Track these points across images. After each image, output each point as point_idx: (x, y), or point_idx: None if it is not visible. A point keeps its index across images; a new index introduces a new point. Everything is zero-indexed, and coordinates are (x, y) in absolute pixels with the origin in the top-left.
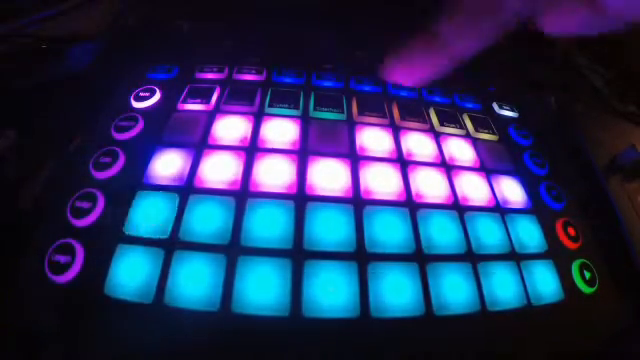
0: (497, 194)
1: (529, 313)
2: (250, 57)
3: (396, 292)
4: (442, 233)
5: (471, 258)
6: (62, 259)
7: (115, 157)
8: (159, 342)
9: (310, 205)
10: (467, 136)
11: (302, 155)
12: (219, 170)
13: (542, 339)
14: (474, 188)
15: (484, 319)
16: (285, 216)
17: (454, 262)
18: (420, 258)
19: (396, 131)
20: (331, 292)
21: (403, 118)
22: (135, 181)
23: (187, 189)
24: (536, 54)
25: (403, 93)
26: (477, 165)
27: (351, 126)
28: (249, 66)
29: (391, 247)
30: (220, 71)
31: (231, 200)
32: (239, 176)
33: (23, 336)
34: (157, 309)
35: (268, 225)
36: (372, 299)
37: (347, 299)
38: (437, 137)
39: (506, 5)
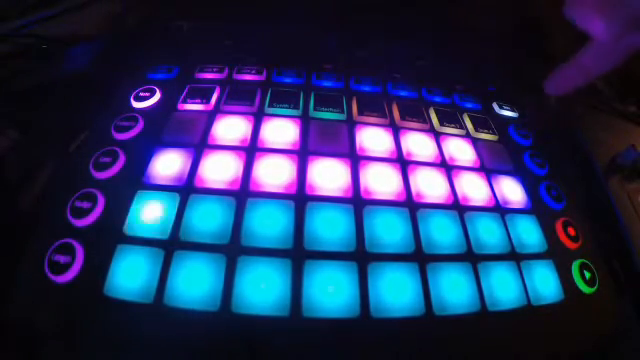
0: (497, 194)
1: (529, 313)
2: (250, 57)
3: (396, 292)
4: (442, 233)
5: (471, 258)
6: (62, 259)
7: (115, 157)
8: (159, 342)
9: (310, 205)
10: (467, 136)
11: (302, 155)
12: (219, 170)
13: (542, 339)
14: (474, 188)
15: (484, 319)
16: (285, 216)
17: (454, 262)
18: (420, 258)
19: (396, 131)
20: (331, 292)
21: (403, 118)
22: (135, 181)
23: (187, 189)
24: (536, 54)
25: (403, 93)
26: (477, 165)
27: (351, 126)
28: (249, 66)
29: (391, 247)
30: (220, 71)
31: (231, 200)
32: (239, 176)
33: (23, 336)
34: (157, 309)
35: (268, 225)
36: (372, 299)
37: (347, 299)
38: (437, 137)
39: None
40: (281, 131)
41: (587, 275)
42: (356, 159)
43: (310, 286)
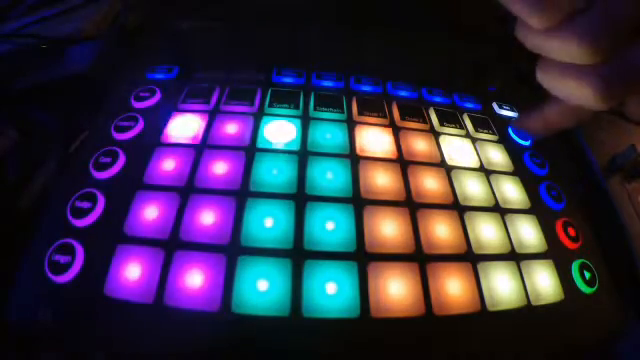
0: (497, 194)
1: (529, 313)
2: (250, 57)
3: (396, 292)
4: (442, 233)
5: (471, 258)
6: (62, 259)
7: (115, 157)
8: (159, 342)
9: (310, 205)
10: (467, 136)
11: (302, 155)
12: (219, 170)
13: (542, 339)
14: (474, 188)
15: (484, 319)
16: (285, 216)
17: (454, 262)
18: (420, 258)
19: (396, 131)
20: (331, 292)
21: (403, 118)
22: (135, 181)
23: (187, 189)
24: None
25: (403, 93)
26: (477, 165)
27: (351, 126)
28: (249, 66)
29: (391, 247)
30: (220, 71)
31: (231, 200)
32: (239, 176)
33: (23, 336)
34: (157, 309)
35: (268, 225)
36: (372, 299)
37: (347, 299)
38: (437, 137)
39: None
40: (281, 131)
41: (587, 275)
42: (356, 159)
43: (310, 286)
